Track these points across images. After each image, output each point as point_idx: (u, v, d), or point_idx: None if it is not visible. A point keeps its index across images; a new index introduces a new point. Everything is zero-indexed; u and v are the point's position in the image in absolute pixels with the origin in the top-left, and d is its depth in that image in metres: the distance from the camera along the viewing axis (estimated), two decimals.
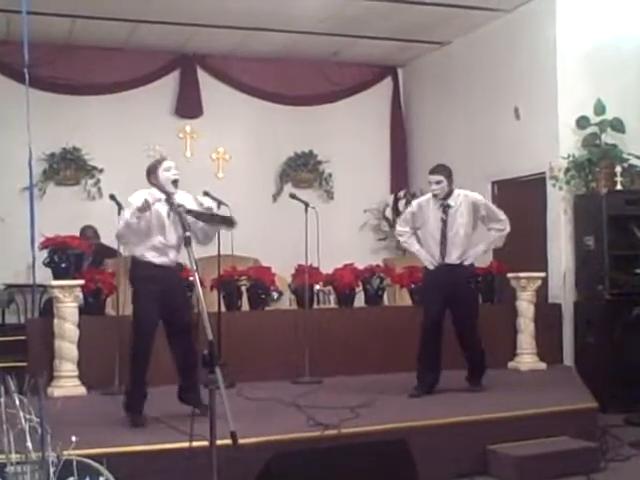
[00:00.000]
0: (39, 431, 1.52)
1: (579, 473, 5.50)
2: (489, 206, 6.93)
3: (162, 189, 5.56)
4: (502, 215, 6.84)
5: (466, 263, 6.67)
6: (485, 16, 9.40)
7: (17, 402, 1.61)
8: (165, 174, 5.58)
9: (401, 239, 6.92)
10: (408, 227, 6.85)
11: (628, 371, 7.46)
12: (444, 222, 6.58)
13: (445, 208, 6.59)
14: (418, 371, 6.64)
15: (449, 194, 6.61)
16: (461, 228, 6.60)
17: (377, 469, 4.45)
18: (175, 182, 5.57)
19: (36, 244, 6.78)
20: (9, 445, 1.61)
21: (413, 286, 8.05)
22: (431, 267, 6.66)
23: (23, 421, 1.58)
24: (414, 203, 6.98)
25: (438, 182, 6.55)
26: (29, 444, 1.55)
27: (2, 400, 1.60)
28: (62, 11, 8.84)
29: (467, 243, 6.65)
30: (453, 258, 6.59)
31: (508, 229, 6.84)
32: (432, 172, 6.64)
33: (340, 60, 11.09)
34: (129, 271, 5.66)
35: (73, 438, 1.71)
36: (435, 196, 6.60)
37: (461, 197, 6.66)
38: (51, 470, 1.63)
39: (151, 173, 5.64)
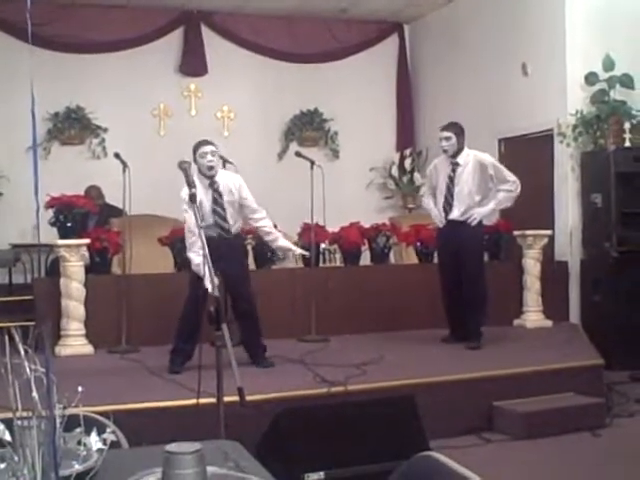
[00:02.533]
0: (45, 382, 1.51)
1: (585, 429, 5.54)
2: (497, 166, 6.92)
3: (201, 173, 5.74)
4: (511, 177, 6.81)
5: (473, 222, 6.66)
6: None
7: (22, 353, 1.59)
8: (200, 161, 5.75)
9: (422, 200, 7.28)
10: (428, 187, 7.12)
11: (634, 328, 7.46)
12: (450, 179, 6.70)
13: (454, 166, 6.69)
14: (448, 321, 6.94)
15: (458, 152, 6.68)
16: (466, 186, 6.67)
17: (384, 425, 4.47)
18: (210, 168, 5.73)
19: (41, 204, 6.85)
20: (15, 396, 1.60)
21: (419, 244, 8.03)
22: (440, 225, 6.83)
23: (28, 371, 1.57)
24: (432, 163, 7.18)
25: (447, 138, 6.64)
26: (35, 394, 1.54)
27: (7, 350, 1.59)
28: None
29: (471, 202, 6.68)
30: (456, 214, 6.67)
31: (518, 191, 6.83)
32: (443, 129, 6.74)
33: (346, 17, 10.96)
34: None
35: (79, 388, 1.71)
36: (445, 152, 6.70)
37: (470, 156, 6.74)
38: (57, 421, 1.63)
39: (193, 155, 5.77)
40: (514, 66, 9.21)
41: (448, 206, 6.71)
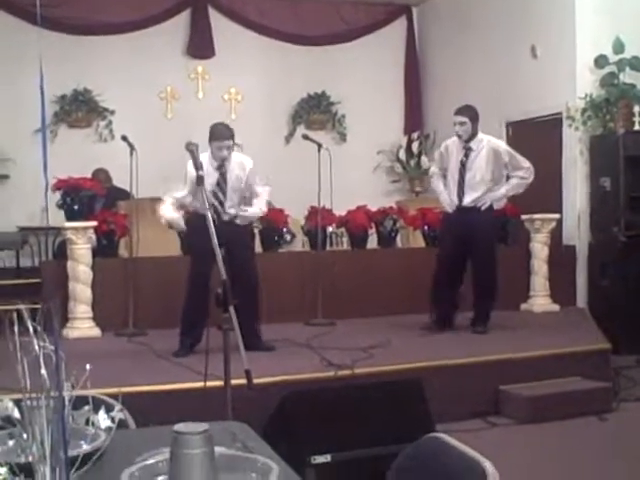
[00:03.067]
0: (53, 359, 1.51)
1: (591, 413, 5.54)
2: (512, 153, 6.79)
3: (213, 156, 5.76)
4: (526, 163, 6.77)
5: (483, 207, 6.62)
6: None
7: (31, 330, 1.59)
8: (215, 151, 5.75)
9: (431, 180, 7.07)
10: (437, 168, 6.90)
11: None
12: (463, 164, 6.57)
13: (467, 151, 6.57)
14: (430, 306, 6.74)
15: (472, 137, 6.56)
16: (478, 172, 6.55)
17: (390, 409, 4.47)
18: (223, 159, 5.75)
19: (49, 186, 6.84)
20: (24, 374, 1.60)
21: (426, 228, 8.02)
22: (449, 210, 6.69)
23: (37, 348, 1.57)
24: (443, 144, 6.97)
25: (462, 123, 6.50)
26: (43, 371, 1.54)
27: (15, 328, 1.59)
28: None
29: (484, 188, 6.59)
30: (468, 201, 6.57)
31: (532, 178, 6.78)
32: (457, 113, 6.59)
33: None
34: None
35: (87, 366, 1.71)
36: (459, 137, 6.57)
37: (484, 142, 6.61)
38: (66, 399, 1.63)
39: (209, 139, 5.77)
40: (523, 49, 9.14)
41: (460, 192, 6.58)
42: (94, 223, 6.75)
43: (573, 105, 8.27)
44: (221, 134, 5.71)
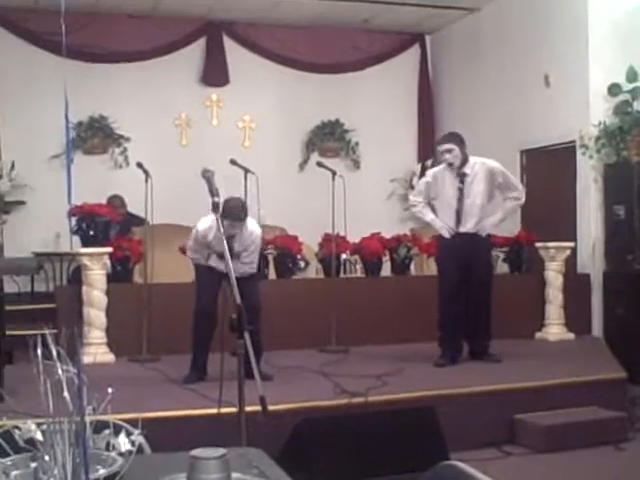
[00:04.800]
0: (76, 382, 1.52)
1: (607, 443, 5.48)
2: (506, 174, 6.69)
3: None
4: (519, 184, 6.79)
5: (483, 234, 6.58)
6: None
7: (54, 354, 1.60)
8: (226, 222, 5.42)
9: (414, 209, 6.82)
10: (421, 197, 6.72)
11: None
12: (461, 191, 6.46)
13: (462, 177, 6.46)
14: (440, 340, 6.62)
15: (464, 162, 6.46)
16: (478, 197, 6.48)
17: (405, 437, 4.45)
18: (232, 235, 5.58)
19: (64, 213, 6.90)
20: (46, 397, 1.61)
21: (437, 255, 8.00)
22: (447, 235, 6.56)
23: (60, 371, 1.58)
24: (429, 173, 6.85)
25: (449, 150, 6.41)
26: (66, 395, 1.55)
27: (39, 351, 1.60)
28: None
29: (483, 212, 6.53)
30: (468, 227, 6.50)
31: (524, 199, 6.76)
32: (441, 142, 6.55)
33: (368, 27, 10.98)
34: None
35: (109, 389, 1.71)
36: (450, 165, 6.44)
37: (477, 165, 6.51)
38: (88, 422, 1.63)
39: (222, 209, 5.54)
40: (536, 77, 9.17)
41: (458, 219, 6.48)
42: (109, 249, 6.78)
43: (587, 133, 8.28)
44: (233, 214, 5.55)
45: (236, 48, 10.75)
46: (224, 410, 3.96)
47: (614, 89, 8.25)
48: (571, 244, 8.22)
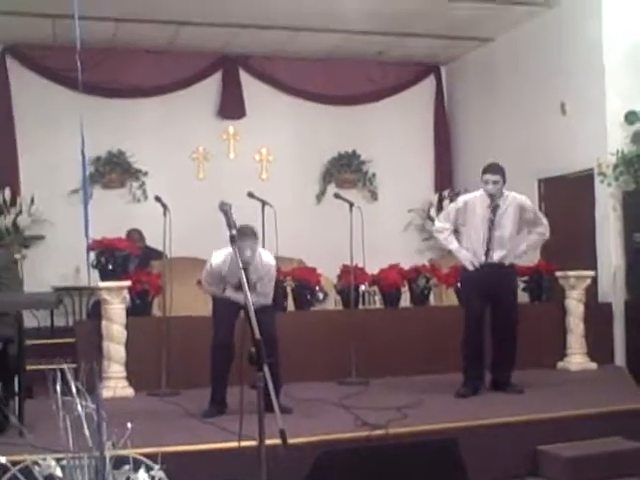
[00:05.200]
0: (95, 418, 1.51)
1: (632, 474, 5.37)
2: (535, 210, 6.83)
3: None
4: (545, 220, 6.79)
5: (507, 262, 6.58)
6: (529, 12, 9.33)
7: (74, 389, 1.60)
8: (238, 250, 5.50)
9: (440, 236, 6.76)
10: (449, 224, 6.71)
11: None
12: (492, 222, 6.48)
13: (494, 208, 6.49)
14: (465, 370, 6.57)
15: (500, 194, 6.51)
16: (506, 230, 6.51)
17: (427, 469, 4.39)
18: (247, 262, 5.49)
19: (84, 247, 6.93)
20: (66, 432, 1.60)
21: (460, 286, 7.96)
22: (471, 268, 6.54)
23: (80, 407, 1.57)
24: (460, 200, 6.85)
25: (495, 182, 6.43)
26: (86, 431, 1.54)
27: (58, 387, 1.60)
28: (106, 14, 8.91)
29: (511, 245, 6.56)
30: (496, 258, 6.50)
31: (548, 235, 6.81)
32: (491, 171, 6.47)
33: (383, 59, 11.05)
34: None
35: (129, 425, 1.70)
36: (492, 196, 6.46)
37: (509, 199, 6.55)
38: (107, 458, 1.62)
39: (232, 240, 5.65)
40: (552, 105, 9.17)
41: (486, 249, 6.49)
42: (128, 283, 6.79)
43: (604, 161, 8.25)
44: (242, 233, 5.43)
45: (252, 81, 10.84)
46: (244, 444, 3.94)
47: (631, 117, 8.23)
48: (591, 273, 8.16)
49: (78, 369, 1.88)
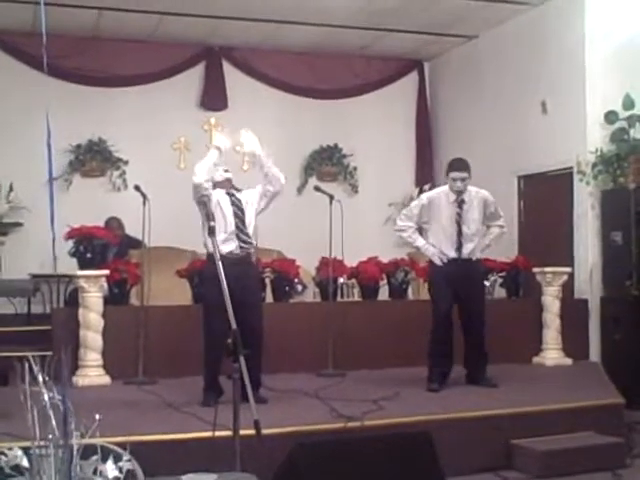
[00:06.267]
0: (62, 409, 1.51)
1: (605, 469, 5.44)
2: (495, 204, 6.77)
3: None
4: (502, 213, 6.82)
5: (474, 258, 6.61)
6: (513, 10, 9.36)
7: (40, 381, 1.60)
8: (219, 180, 5.92)
9: (404, 234, 6.73)
10: (411, 222, 6.68)
11: None
12: (459, 216, 6.50)
13: (460, 204, 6.50)
14: (431, 366, 6.59)
15: (465, 190, 6.51)
16: (473, 224, 6.54)
17: (400, 461, 4.42)
18: (228, 182, 6.00)
19: (60, 235, 6.90)
20: (33, 423, 1.60)
21: (429, 281, 7.99)
22: (439, 263, 6.53)
23: (46, 397, 1.57)
24: (424, 197, 6.80)
25: (463, 179, 6.44)
26: (53, 422, 1.54)
27: (27, 379, 1.60)
28: (88, 3, 8.86)
29: (477, 239, 6.60)
30: (465, 253, 6.53)
31: (506, 228, 6.88)
32: (459, 169, 6.45)
33: (367, 54, 11.06)
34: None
35: (97, 416, 1.71)
36: (459, 192, 6.47)
37: (473, 193, 6.57)
38: (75, 448, 1.62)
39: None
40: (533, 104, 9.22)
41: (455, 244, 6.50)
42: (106, 272, 6.77)
43: (584, 160, 8.32)
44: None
45: (235, 73, 10.81)
46: (219, 434, 3.95)
47: (611, 116, 8.29)
48: (568, 269, 8.22)
49: (54, 357, 1.87)
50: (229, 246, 5.68)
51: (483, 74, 10.32)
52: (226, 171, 5.98)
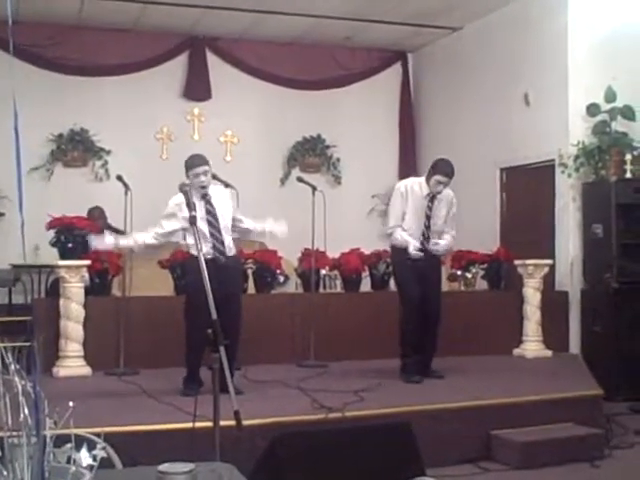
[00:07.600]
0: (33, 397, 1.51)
1: (583, 460, 5.50)
2: (455, 211, 6.74)
3: (193, 187, 5.65)
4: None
5: (437, 254, 6.65)
6: (497, 2, 9.36)
7: (12, 369, 1.60)
8: (193, 180, 5.77)
9: (395, 234, 6.61)
10: (399, 215, 6.61)
11: (634, 359, 7.46)
12: (430, 209, 6.52)
13: (432, 199, 6.51)
14: (406, 355, 6.59)
15: None
16: (440, 220, 6.57)
17: (381, 452, 4.43)
18: (203, 187, 5.77)
19: (43, 224, 6.87)
20: (5, 411, 1.60)
21: (393, 269, 7.97)
22: (416, 256, 6.46)
23: (19, 385, 1.57)
24: (401, 185, 6.73)
25: (446, 184, 6.45)
26: (25, 410, 1.54)
27: None
28: None
29: (441, 235, 6.63)
30: (431, 246, 6.54)
31: (454, 241, 6.83)
32: (446, 174, 6.40)
33: (351, 45, 11.04)
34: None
35: (70, 404, 1.70)
36: (438, 193, 6.47)
37: (444, 191, 6.55)
38: (47, 437, 1.62)
39: (186, 172, 5.86)
40: (516, 96, 9.25)
41: (427, 237, 6.53)
42: (87, 262, 6.74)
43: (566, 152, 8.35)
44: (195, 162, 5.80)
45: (219, 63, 10.78)
46: (199, 424, 3.95)
47: (593, 109, 8.33)
48: (549, 262, 8.25)
49: (30, 346, 1.86)
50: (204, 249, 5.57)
51: (467, 66, 10.33)
52: (205, 174, 5.78)
